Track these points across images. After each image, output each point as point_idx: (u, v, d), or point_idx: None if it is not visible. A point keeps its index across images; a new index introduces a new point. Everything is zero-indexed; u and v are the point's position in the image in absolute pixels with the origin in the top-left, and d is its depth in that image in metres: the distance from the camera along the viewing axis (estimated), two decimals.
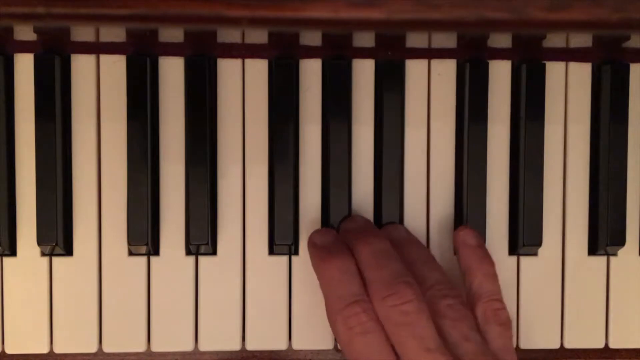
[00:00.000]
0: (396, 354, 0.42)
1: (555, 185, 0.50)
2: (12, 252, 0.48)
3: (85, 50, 0.48)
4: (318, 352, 0.50)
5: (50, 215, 0.47)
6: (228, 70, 0.48)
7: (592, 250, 0.50)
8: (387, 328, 0.42)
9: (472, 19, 0.39)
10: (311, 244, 0.47)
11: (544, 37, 0.48)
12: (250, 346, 0.49)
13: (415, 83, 0.49)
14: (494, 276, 0.47)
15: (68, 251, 0.48)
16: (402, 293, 0.42)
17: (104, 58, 0.48)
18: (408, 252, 0.46)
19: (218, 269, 0.49)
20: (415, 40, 0.49)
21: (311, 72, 0.49)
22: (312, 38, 0.48)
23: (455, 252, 0.49)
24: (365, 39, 0.49)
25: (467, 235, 0.48)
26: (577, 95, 0.50)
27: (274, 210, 0.48)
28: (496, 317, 0.45)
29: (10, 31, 0.47)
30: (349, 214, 0.49)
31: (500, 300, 0.46)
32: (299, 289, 0.49)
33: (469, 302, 0.46)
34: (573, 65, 0.50)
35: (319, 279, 0.46)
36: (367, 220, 0.48)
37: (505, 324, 0.45)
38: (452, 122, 0.49)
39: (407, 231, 0.49)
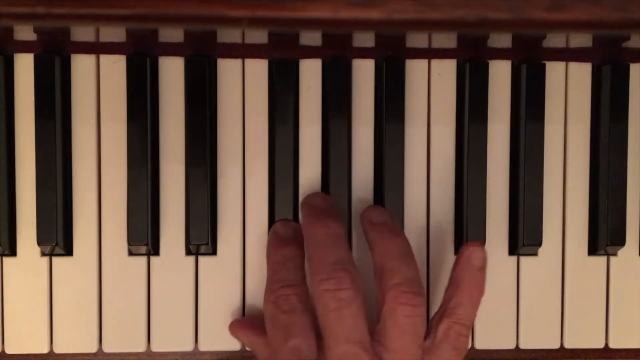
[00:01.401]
0: (319, 340, 0.42)
1: (555, 185, 0.50)
2: (12, 252, 0.48)
3: (85, 50, 0.48)
4: None
5: (50, 215, 0.47)
6: (228, 70, 0.48)
7: (592, 250, 0.50)
8: (317, 310, 0.43)
9: (472, 19, 0.39)
10: (272, 231, 0.48)
11: (544, 37, 0.48)
12: None
13: (415, 83, 0.49)
14: (476, 304, 0.46)
15: (68, 251, 0.48)
16: (340, 280, 0.42)
17: (104, 58, 0.48)
18: (384, 240, 0.45)
19: (218, 269, 0.49)
20: (415, 40, 0.49)
21: (311, 72, 0.49)
22: (312, 38, 0.48)
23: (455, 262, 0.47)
24: (365, 39, 0.49)
25: (475, 254, 0.46)
26: (577, 95, 0.50)
27: (274, 210, 0.48)
28: (456, 340, 0.44)
29: (10, 31, 0.47)
30: (349, 214, 0.49)
31: (468, 327, 0.45)
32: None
33: (439, 311, 0.45)
34: (573, 65, 0.50)
35: (267, 264, 0.46)
36: (330, 202, 0.47)
37: (460, 349, 0.45)
38: (452, 122, 0.49)
39: (390, 216, 0.47)
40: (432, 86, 0.49)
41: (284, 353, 0.42)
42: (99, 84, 0.48)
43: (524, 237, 0.49)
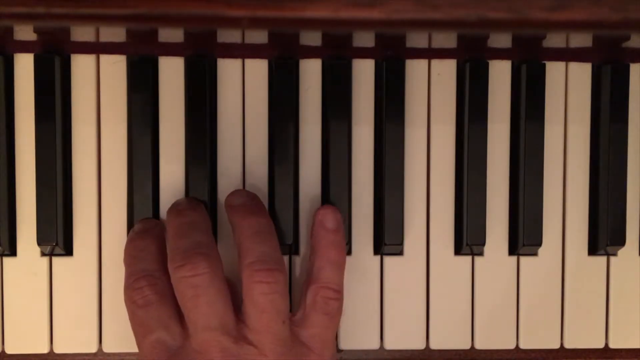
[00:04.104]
0: (185, 327, 0.42)
1: (555, 185, 0.50)
2: (12, 252, 0.48)
3: (85, 50, 0.48)
4: None
5: (50, 215, 0.47)
6: (228, 70, 0.48)
7: (592, 250, 0.50)
8: (178, 300, 0.42)
9: (472, 19, 0.39)
10: (131, 230, 0.47)
11: (544, 37, 0.48)
12: None
13: (415, 83, 0.49)
14: (338, 265, 0.45)
15: (68, 251, 0.48)
16: (195, 264, 0.41)
17: (104, 58, 0.48)
18: (239, 220, 0.45)
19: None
20: (415, 40, 0.49)
21: (311, 72, 0.49)
22: (312, 38, 0.48)
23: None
24: (365, 39, 0.49)
25: (327, 216, 0.46)
26: (577, 95, 0.50)
27: (274, 210, 0.48)
28: (325, 305, 0.44)
29: (10, 31, 0.47)
30: (349, 214, 0.49)
31: (336, 290, 0.44)
32: (300, 288, 0.48)
33: (305, 282, 0.45)
34: (573, 65, 0.50)
35: (124, 263, 0.45)
36: (193, 201, 0.47)
37: (332, 314, 0.44)
38: (452, 122, 0.49)
39: (248, 197, 0.47)
40: (432, 86, 0.49)
41: (146, 349, 0.42)
42: (99, 84, 0.48)
43: (524, 237, 0.49)
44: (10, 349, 0.48)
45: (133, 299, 0.43)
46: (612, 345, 0.51)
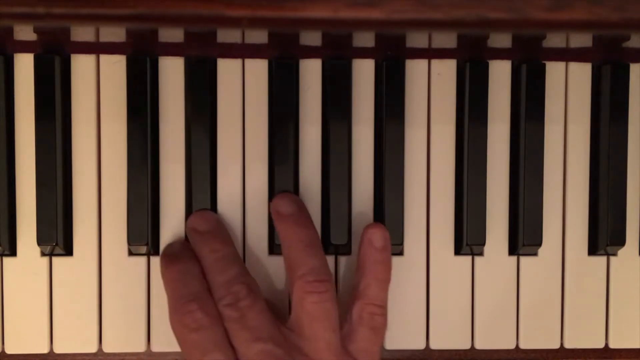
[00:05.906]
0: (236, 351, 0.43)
1: (555, 185, 0.50)
2: (12, 252, 0.48)
3: (85, 50, 0.48)
4: None
5: (50, 215, 0.47)
6: (228, 70, 0.48)
7: (592, 250, 0.50)
8: (225, 326, 0.43)
9: (472, 19, 0.39)
10: (161, 254, 0.47)
11: (544, 37, 0.48)
12: None
13: (415, 83, 0.49)
14: (384, 282, 0.46)
15: (68, 251, 0.48)
16: (236, 294, 0.44)
17: (104, 58, 0.48)
18: (290, 232, 0.46)
19: None
20: (415, 40, 0.49)
21: (311, 72, 0.49)
22: (312, 38, 0.48)
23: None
24: (365, 39, 0.49)
25: (375, 235, 0.47)
26: (577, 95, 0.50)
27: None
28: (370, 320, 0.45)
29: (10, 31, 0.47)
30: (349, 213, 0.49)
31: (381, 306, 0.46)
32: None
33: (352, 297, 0.46)
34: (573, 65, 0.50)
35: (164, 285, 0.46)
36: (217, 221, 0.48)
37: (377, 329, 0.45)
38: (452, 122, 0.49)
39: (298, 206, 0.47)
40: (432, 86, 0.49)
41: None
42: (99, 84, 0.48)
43: (524, 237, 0.49)
44: (10, 349, 0.48)
45: (184, 323, 0.43)
46: (612, 345, 0.51)
